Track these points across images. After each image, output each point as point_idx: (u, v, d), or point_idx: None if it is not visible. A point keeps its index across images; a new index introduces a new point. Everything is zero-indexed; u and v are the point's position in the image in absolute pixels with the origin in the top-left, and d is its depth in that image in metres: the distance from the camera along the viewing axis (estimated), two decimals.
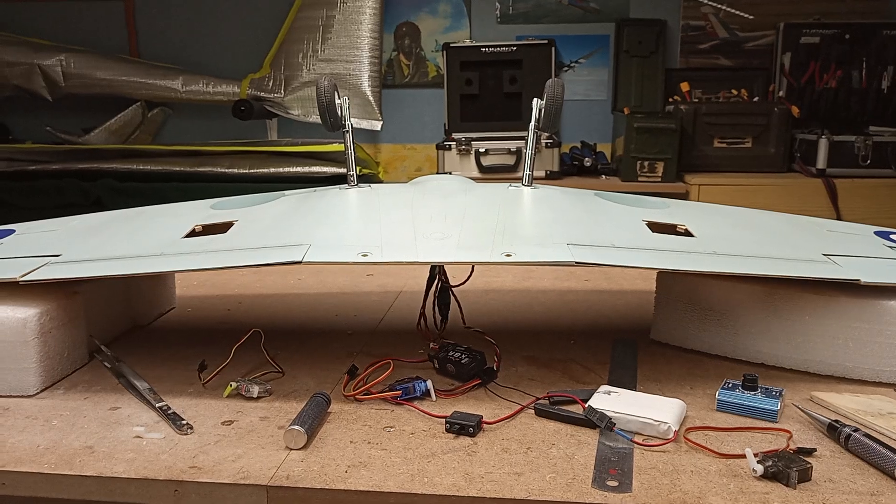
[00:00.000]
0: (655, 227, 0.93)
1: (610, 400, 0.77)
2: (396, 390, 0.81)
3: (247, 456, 0.70)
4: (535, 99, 1.05)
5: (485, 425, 0.75)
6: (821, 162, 2.80)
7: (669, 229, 0.93)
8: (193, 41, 3.41)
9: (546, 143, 2.91)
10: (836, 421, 0.72)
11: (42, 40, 3.31)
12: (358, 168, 1.06)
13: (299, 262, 0.81)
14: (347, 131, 1.05)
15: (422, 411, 0.79)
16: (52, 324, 0.86)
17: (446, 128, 3.09)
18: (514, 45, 3.05)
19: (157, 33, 3.44)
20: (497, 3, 3.28)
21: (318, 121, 1.05)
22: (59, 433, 0.75)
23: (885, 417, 0.75)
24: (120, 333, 1.05)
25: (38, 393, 0.85)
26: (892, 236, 1.05)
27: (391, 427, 0.76)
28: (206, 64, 3.32)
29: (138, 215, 1.09)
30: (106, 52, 3.29)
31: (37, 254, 0.94)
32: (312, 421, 0.74)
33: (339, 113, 1.03)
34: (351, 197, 1.00)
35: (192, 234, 0.94)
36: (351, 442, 0.73)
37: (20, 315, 0.83)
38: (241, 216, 0.97)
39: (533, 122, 1.04)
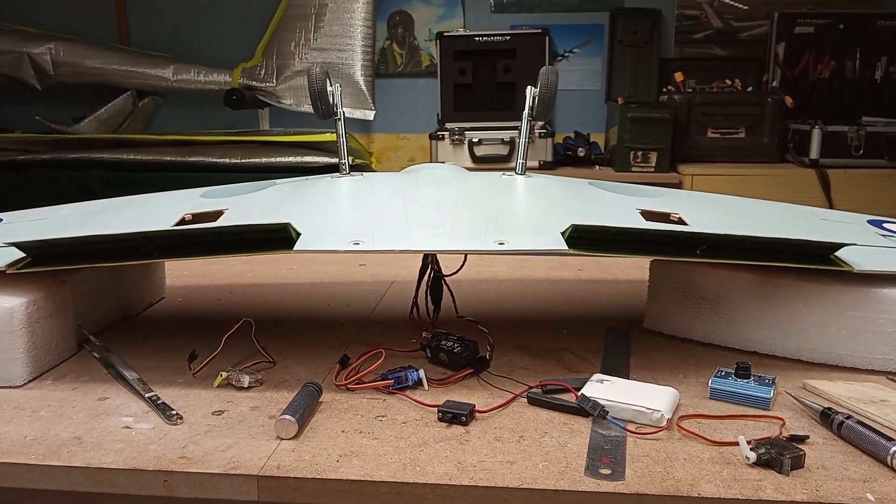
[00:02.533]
0: (649, 216, 0.92)
1: (603, 388, 0.76)
2: (388, 379, 0.81)
3: (237, 446, 0.69)
4: (529, 87, 1.04)
5: (477, 414, 0.75)
6: (814, 152, 2.80)
7: (663, 218, 0.93)
8: (184, 29, 3.38)
9: (539, 133, 2.90)
10: (829, 408, 0.72)
11: (31, 28, 3.27)
12: (351, 158, 1.06)
13: (290, 251, 0.80)
14: (339, 119, 1.04)
15: (414, 400, 0.78)
16: (39, 313, 0.85)
17: (440, 118, 3.08)
18: (507, 35, 3.03)
19: (148, 21, 3.41)
20: None
21: (311, 110, 1.03)
22: (47, 424, 0.74)
23: (877, 405, 0.75)
24: (109, 323, 1.04)
25: (25, 383, 0.84)
26: (885, 225, 1.05)
27: (383, 416, 0.75)
28: (198, 52, 3.29)
29: (127, 204, 1.08)
30: (96, 41, 3.26)
31: None
32: (303, 410, 0.73)
33: (331, 100, 1.02)
34: (343, 185, 0.99)
35: (182, 222, 0.93)
36: (342, 431, 0.72)
37: (7, 304, 0.82)
38: (231, 205, 0.96)
39: (526, 111, 1.03)
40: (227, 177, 2.63)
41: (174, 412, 0.75)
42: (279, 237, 0.81)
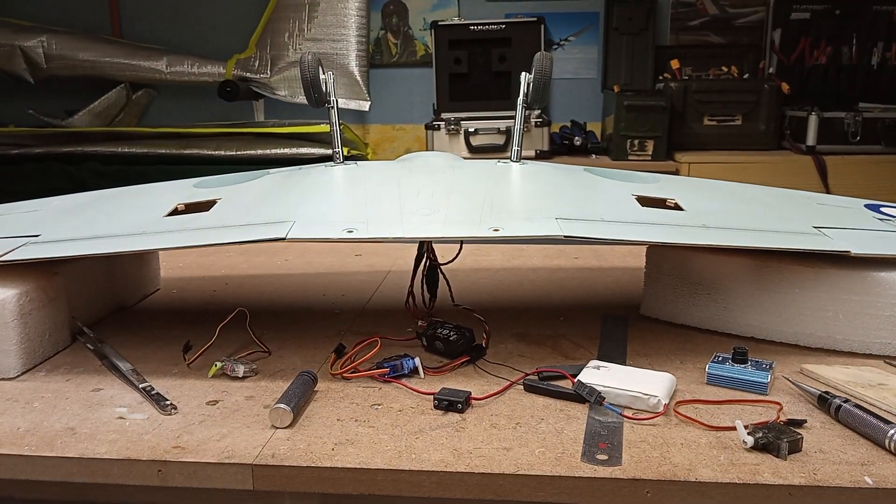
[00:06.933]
0: (645, 202, 0.92)
1: (599, 375, 0.76)
2: (384, 368, 0.80)
3: (232, 435, 0.69)
4: (524, 73, 1.03)
5: (473, 401, 0.75)
6: (810, 139, 2.79)
7: (659, 203, 0.92)
8: (177, 21, 3.36)
9: (536, 123, 2.89)
10: (827, 392, 0.72)
11: (23, 21, 3.24)
12: (346, 149, 1.05)
13: (283, 239, 0.79)
14: (332, 107, 1.03)
15: (410, 388, 0.78)
16: (31, 305, 0.84)
17: (435, 108, 3.06)
18: (502, 23, 3.02)
19: (140, 13, 3.38)
20: None
21: (305, 101, 1.02)
22: (41, 415, 0.74)
23: (875, 388, 0.75)
24: (104, 315, 1.04)
25: (18, 375, 0.83)
26: (882, 209, 1.04)
27: (379, 404, 0.75)
28: (191, 44, 3.27)
29: (120, 195, 1.07)
30: (88, 33, 3.23)
31: (16, 234, 0.92)
32: (298, 399, 0.73)
33: (324, 88, 1.01)
34: (336, 174, 0.99)
35: (175, 212, 0.92)
36: (338, 420, 0.72)
37: None
38: (224, 194, 0.95)
39: (521, 97, 1.03)
40: (222, 169, 2.59)
41: (168, 402, 0.75)
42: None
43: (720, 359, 0.80)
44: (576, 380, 0.75)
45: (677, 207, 0.92)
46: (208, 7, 3.35)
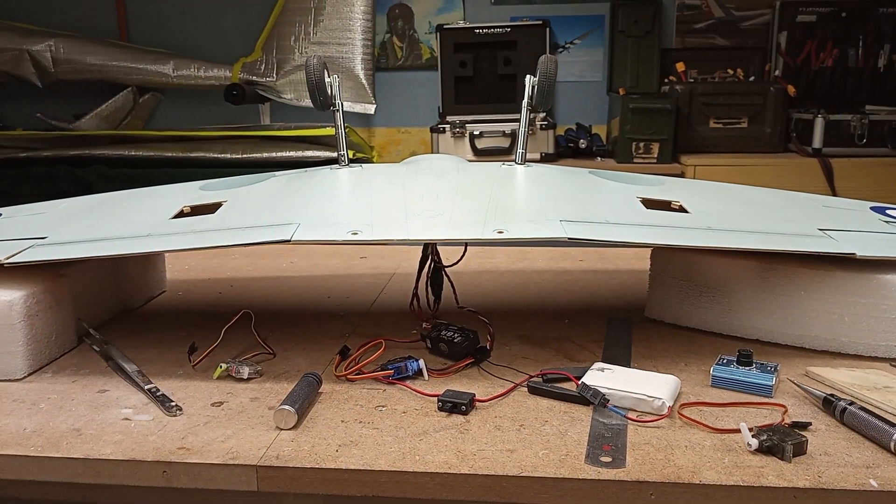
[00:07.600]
0: (650, 204, 0.92)
1: (604, 377, 0.76)
2: (388, 370, 0.80)
3: (236, 436, 0.69)
4: (528, 76, 1.03)
5: (477, 403, 0.75)
6: (817, 141, 2.78)
7: (664, 206, 0.92)
8: (184, 25, 3.37)
9: (541, 125, 2.89)
10: (832, 395, 0.72)
11: (31, 25, 3.26)
12: (351, 152, 1.05)
13: (288, 241, 0.79)
14: (337, 110, 1.03)
15: (414, 390, 0.78)
16: (38, 307, 0.85)
17: (440, 111, 3.07)
18: (508, 27, 3.02)
19: (147, 17, 3.40)
20: None
21: (311, 104, 1.03)
22: (47, 416, 0.74)
23: (880, 391, 0.74)
24: (110, 317, 1.04)
25: (25, 377, 0.84)
26: (888, 211, 1.04)
27: (383, 406, 0.75)
28: (198, 48, 3.28)
29: (126, 198, 1.07)
30: (96, 37, 3.25)
31: (23, 236, 0.92)
32: (303, 401, 0.73)
33: (329, 91, 1.01)
34: (341, 176, 0.99)
35: (181, 214, 0.93)
36: (342, 421, 0.72)
37: (5, 298, 0.82)
38: (229, 197, 0.95)
39: (526, 100, 1.03)
40: (228, 172, 2.60)
41: (173, 404, 0.75)
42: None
43: (725, 361, 0.80)
44: (580, 382, 0.75)
45: (682, 210, 0.92)
46: (215, 11, 3.37)
